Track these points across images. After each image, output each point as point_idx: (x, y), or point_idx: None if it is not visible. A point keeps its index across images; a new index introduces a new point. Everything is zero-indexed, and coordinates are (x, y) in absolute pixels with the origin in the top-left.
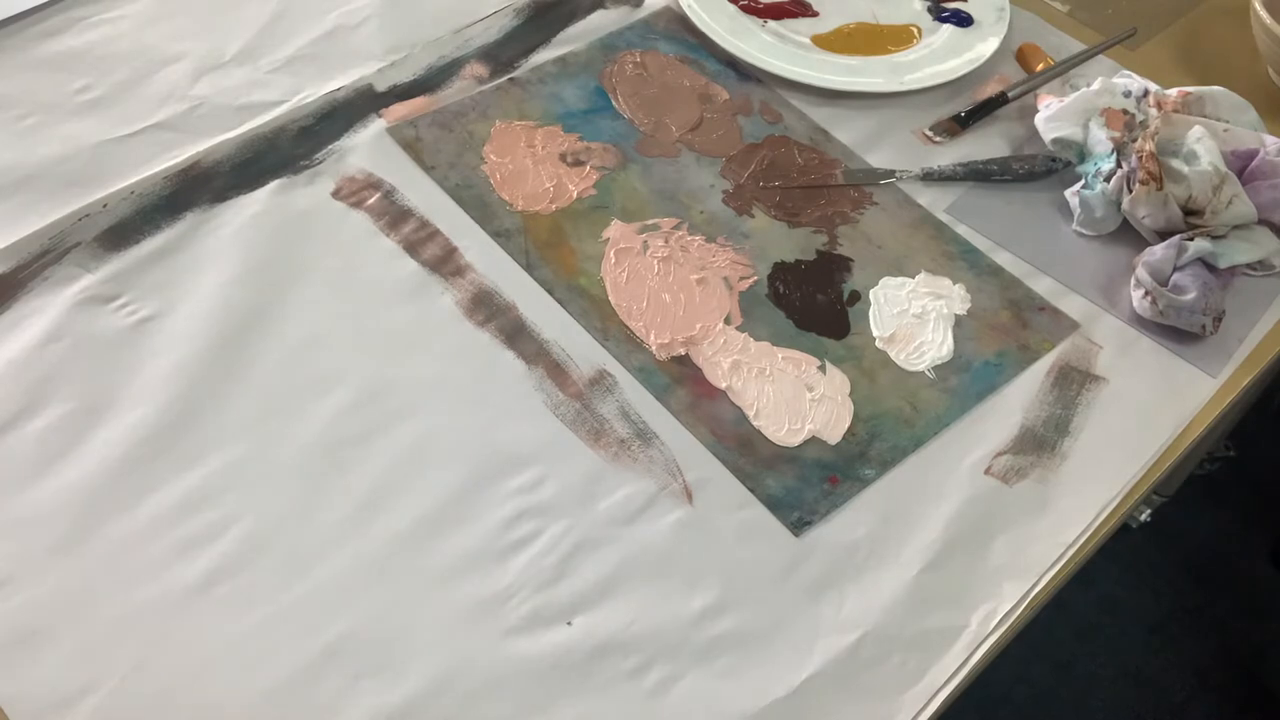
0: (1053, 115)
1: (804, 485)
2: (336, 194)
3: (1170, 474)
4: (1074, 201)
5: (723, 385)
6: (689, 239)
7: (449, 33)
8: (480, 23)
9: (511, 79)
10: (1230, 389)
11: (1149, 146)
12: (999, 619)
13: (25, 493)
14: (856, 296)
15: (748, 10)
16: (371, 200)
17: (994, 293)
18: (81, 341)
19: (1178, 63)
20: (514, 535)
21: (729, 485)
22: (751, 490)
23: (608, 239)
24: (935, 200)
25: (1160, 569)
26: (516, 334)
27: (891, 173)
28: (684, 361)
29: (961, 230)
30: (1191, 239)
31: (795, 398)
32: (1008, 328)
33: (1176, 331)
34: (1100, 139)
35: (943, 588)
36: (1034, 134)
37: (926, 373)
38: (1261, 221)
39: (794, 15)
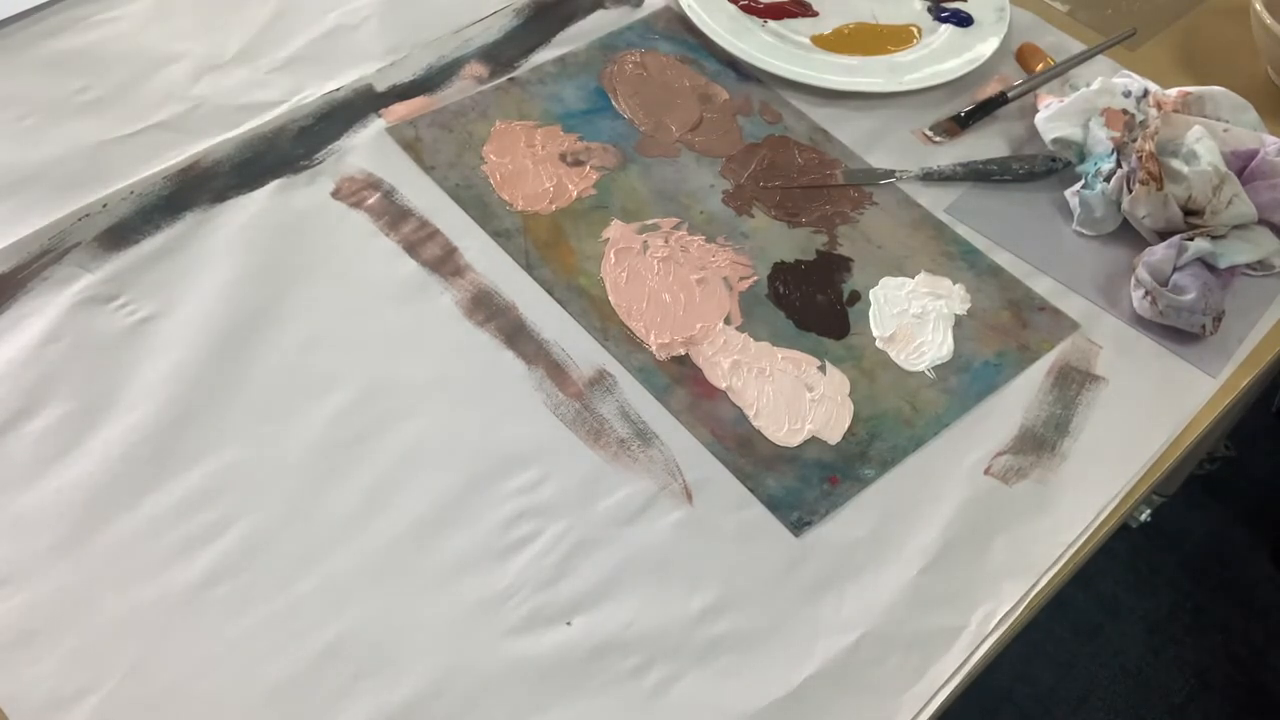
0: (1053, 115)
1: (804, 485)
2: (336, 194)
3: (1170, 474)
4: (1074, 201)
5: (723, 385)
6: (689, 239)
7: (449, 33)
8: (480, 23)
9: (511, 79)
10: (1230, 389)
11: (1149, 146)
12: (999, 619)
13: (25, 493)
14: (856, 296)
15: (748, 10)
16: (371, 200)
17: (994, 293)
18: (81, 341)
19: (1178, 63)
20: (513, 535)
21: (729, 485)
22: (751, 490)
23: (607, 239)
24: (935, 200)
25: (1160, 569)
26: (516, 334)
27: (891, 173)
28: (684, 361)
29: (961, 230)
30: (1191, 239)
31: (795, 398)
32: (1008, 328)
33: (1176, 331)
34: (1100, 139)
35: (943, 588)
36: (1034, 134)
37: (926, 373)
38: (1261, 221)
39: (794, 15)
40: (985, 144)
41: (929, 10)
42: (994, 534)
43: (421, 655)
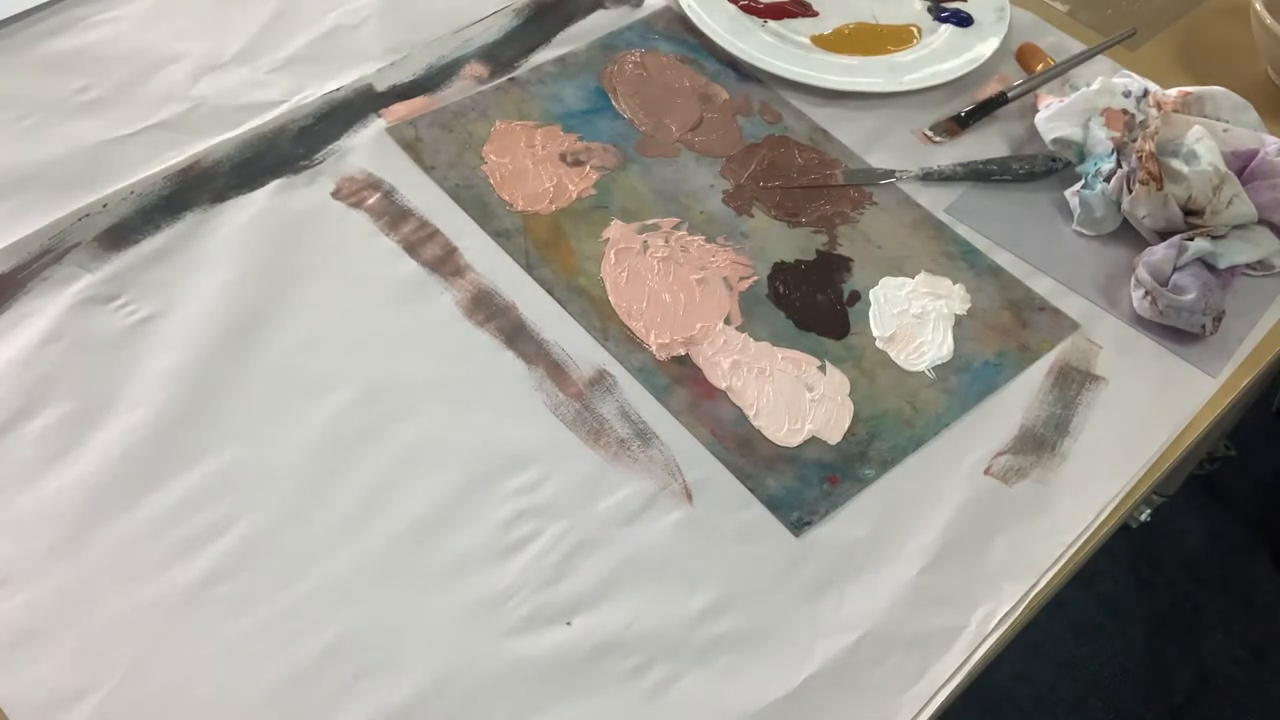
0: (1053, 115)
1: (804, 485)
2: (336, 194)
3: (1170, 474)
4: (1074, 201)
5: (723, 385)
6: (689, 239)
7: (449, 33)
8: (480, 23)
9: (511, 79)
10: (1230, 389)
11: (1149, 146)
12: (999, 619)
13: (25, 493)
14: (856, 296)
15: (748, 10)
16: (371, 200)
17: (994, 293)
18: (81, 341)
19: (1178, 63)
20: (514, 535)
21: (729, 485)
22: (751, 490)
23: (607, 239)
24: (935, 200)
25: (1160, 569)
26: (516, 334)
27: (891, 173)
28: (684, 361)
29: (961, 230)
30: (1191, 239)
31: (795, 398)
32: (1008, 328)
33: (1176, 331)
34: (1100, 139)
35: (942, 588)
36: (1034, 134)
37: (926, 373)
38: (1261, 221)
39: (794, 15)
40: (985, 144)
41: (929, 10)
42: (994, 534)
43: (422, 655)
